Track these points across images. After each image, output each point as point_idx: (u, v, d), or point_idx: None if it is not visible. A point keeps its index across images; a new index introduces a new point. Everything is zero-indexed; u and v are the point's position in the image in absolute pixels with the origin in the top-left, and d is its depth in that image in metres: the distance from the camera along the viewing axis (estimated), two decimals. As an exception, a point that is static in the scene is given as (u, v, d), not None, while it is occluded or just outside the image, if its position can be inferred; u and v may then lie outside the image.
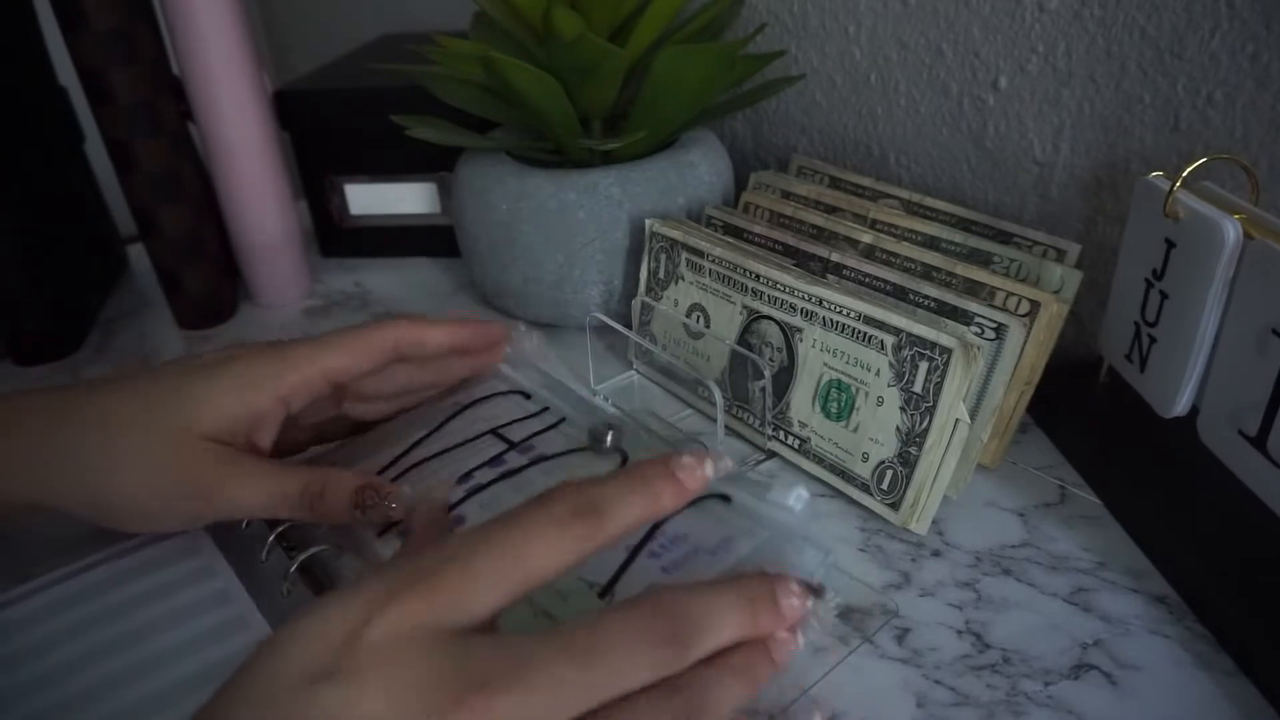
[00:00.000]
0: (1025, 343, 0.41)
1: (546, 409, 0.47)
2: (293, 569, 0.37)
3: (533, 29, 0.54)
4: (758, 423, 0.48)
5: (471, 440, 0.43)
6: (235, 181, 0.63)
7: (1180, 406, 0.42)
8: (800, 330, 0.45)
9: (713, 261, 0.50)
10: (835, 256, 0.47)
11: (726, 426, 0.50)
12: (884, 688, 0.34)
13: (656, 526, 0.35)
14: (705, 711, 0.25)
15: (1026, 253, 0.46)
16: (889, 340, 0.41)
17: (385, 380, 0.43)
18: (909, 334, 0.40)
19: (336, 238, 0.74)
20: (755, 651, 0.27)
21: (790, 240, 0.50)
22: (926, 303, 0.43)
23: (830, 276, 0.47)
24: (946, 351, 0.39)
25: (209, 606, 0.37)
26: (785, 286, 0.46)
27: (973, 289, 0.44)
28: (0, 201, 0.57)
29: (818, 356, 0.45)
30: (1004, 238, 0.49)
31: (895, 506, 0.41)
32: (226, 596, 0.37)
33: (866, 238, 0.49)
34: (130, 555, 0.39)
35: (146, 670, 0.34)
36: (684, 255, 0.52)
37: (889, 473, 0.42)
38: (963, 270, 0.44)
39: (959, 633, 0.37)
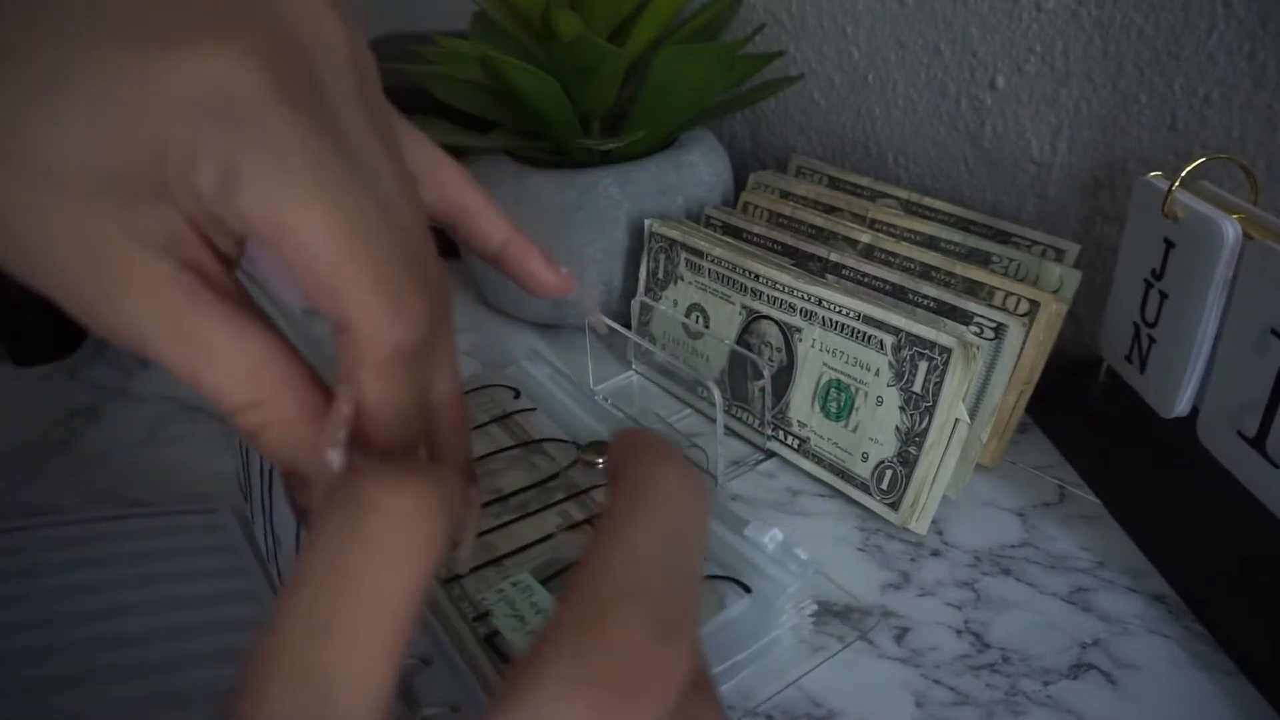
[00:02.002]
0: (1024, 342, 0.41)
1: (535, 409, 0.48)
2: None
3: (532, 29, 0.54)
4: (757, 422, 0.48)
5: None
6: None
7: (1180, 407, 0.42)
8: (799, 330, 0.45)
9: (712, 261, 0.50)
10: (834, 256, 0.47)
11: (726, 426, 0.50)
12: (883, 687, 0.35)
13: None
14: None
15: (1025, 252, 0.46)
16: (888, 340, 0.41)
17: None
18: (908, 334, 0.40)
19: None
20: None
21: (789, 240, 0.50)
22: (926, 302, 0.43)
23: (829, 276, 0.47)
24: (946, 351, 0.39)
25: (223, 575, 0.39)
26: (784, 286, 0.46)
27: (972, 289, 0.44)
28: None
29: (817, 356, 0.45)
30: (1002, 237, 0.49)
31: (895, 506, 0.41)
32: (242, 570, 0.39)
33: (865, 237, 0.49)
34: (161, 517, 0.42)
35: (151, 609, 0.36)
36: (683, 255, 0.52)
37: (888, 472, 0.42)
38: (962, 270, 0.44)
39: (958, 632, 0.37)
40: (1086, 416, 0.47)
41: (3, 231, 0.17)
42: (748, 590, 0.35)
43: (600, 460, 0.43)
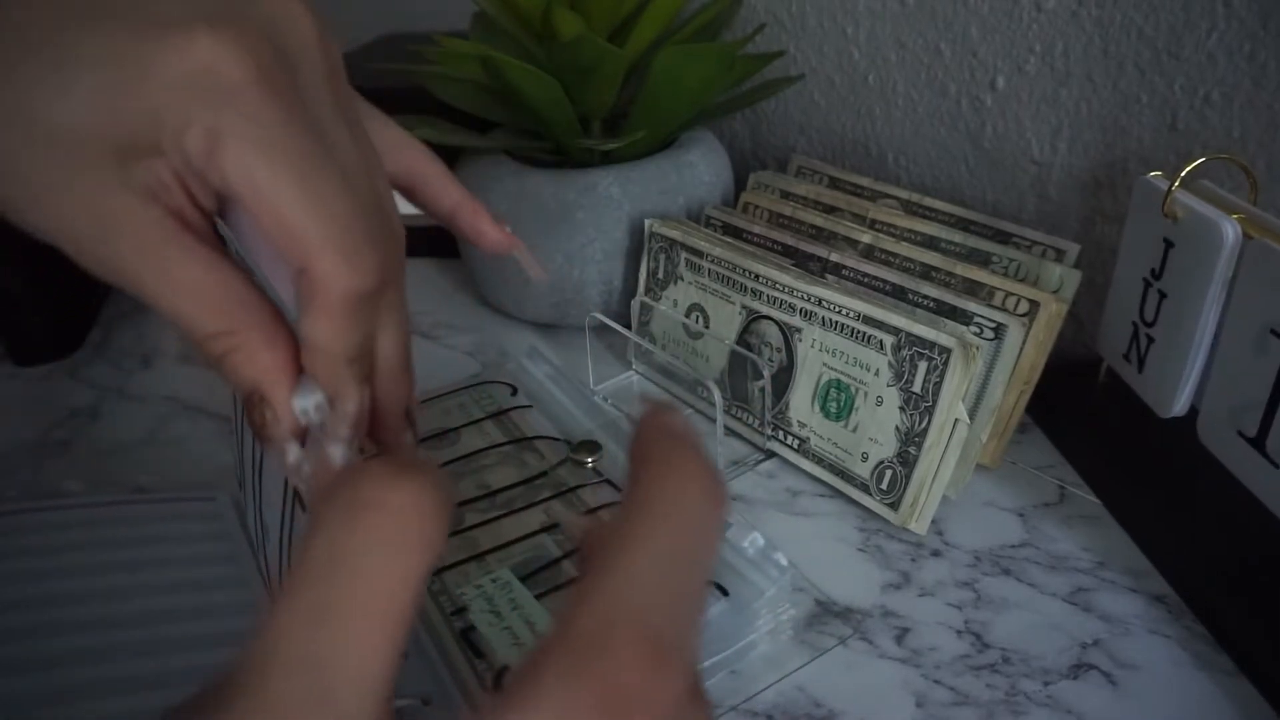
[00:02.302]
0: (1024, 342, 0.41)
1: (531, 406, 0.48)
2: None
3: (533, 29, 0.54)
4: (757, 423, 0.48)
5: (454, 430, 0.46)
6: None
7: (1178, 406, 0.42)
8: (799, 330, 0.45)
9: (712, 261, 0.50)
10: (834, 256, 0.47)
11: (726, 426, 0.50)
12: (883, 687, 0.35)
13: None
14: None
15: (1025, 252, 0.46)
16: (888, 340, 0.41)
17: None
18: (908, 334, 0.40)
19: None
20: None
21: (789, 240, 0.50)
22: (926, 302, 0.43)
23: (829, 276, 0.47)
24: (946, 351, 0.39)
25: (218, 561, 0.39)
26: (784, 286, 0.46)
27: (972, 289, 0.44)
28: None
29: (817, 356, 0.45)
30: (1003, 237, 0.49)
31: (894, 506, 0.41)
32: (236, 557, 0.39)
33: (866, 238, 0.49)
34: (161, 504, 0.43)
35: (146, 593, 0.37)
36: (683, 255, 0.52)
37: (888, 472, 0.42)
38: (962, 270, 0.44)
39: (958, 632, 0.37)
40: (1086, 416, 0.47)
41: (15, 181, 0.20)
42: (725, 593, 0.35)
43: (590, 460, 0.43)
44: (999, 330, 0.41)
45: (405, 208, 0.82)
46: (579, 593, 0.15)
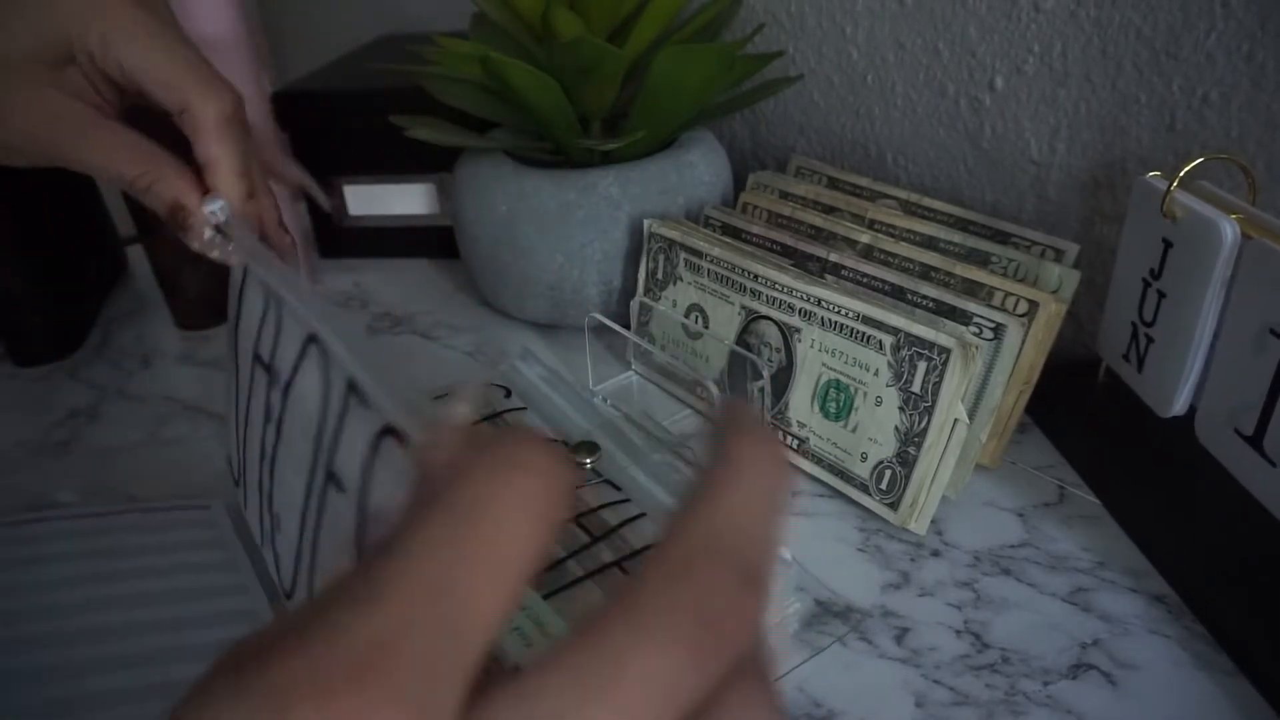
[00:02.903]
0: (1024, 342, 0.41)
1: (524, 408, 0.48)
2: None
3: (532, 29, 0.54)
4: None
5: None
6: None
7: (1177, 406, 0.42)
8: (799, 330, 0.45)
9: (711, 262, 0.50)
10: (834, 256, 0.47)
11: (725, 426, 0.50)
12: (883, 687, 0.35)
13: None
14: None
15: (1024, 253, 0.46)
16: (887, 340, 0.41)
17: None
18: (907, 334, 0.40)
19: (336, 238, 0.74)
20: None
21: (789, 240, 0.50)
22: (925, 303, 0.43)
23: (829, 276, 0.47)
24: (945, 351, 0.39)
25: (214, 569, 0.40)
26: (784, 287, 0.46)
27: (971, 289, 0.44)
28: (0, 203, 0.57)
29: (816, 356, 0.45)
30: (1002, 238, 0.49)
31: (894, 506, 0.42)
32: (232, 565, 0.40)
33: (865, 238, 0.49)
34: (156, 513, 0.44)
35: (140, 602, 0.37)
36: (682, 255, 0.52)
37: (888, 472, 0.42)
38: (961, 270, 0.44)
39: (958, 632, 0.37)
40: (1086, 416, 0.47)
41: None
42: None
43: (589, 460, 0.43)
44: (998, 330, 0.41)
45: (401, 206, 0.81)
46: (671, 528, 0.16)
